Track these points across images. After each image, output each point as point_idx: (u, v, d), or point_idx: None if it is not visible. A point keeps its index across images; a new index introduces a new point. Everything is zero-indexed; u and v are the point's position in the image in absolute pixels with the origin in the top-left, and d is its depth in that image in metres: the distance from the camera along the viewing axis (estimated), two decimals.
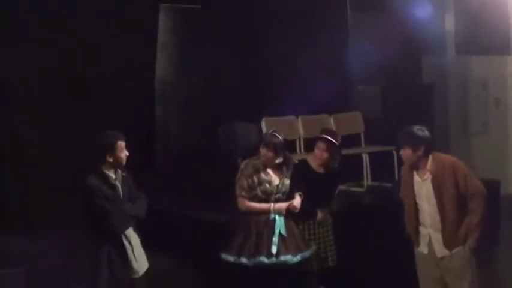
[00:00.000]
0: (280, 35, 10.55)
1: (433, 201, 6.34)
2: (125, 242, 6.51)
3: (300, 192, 7.06)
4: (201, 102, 10.44)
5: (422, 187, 6.41)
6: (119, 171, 6.60)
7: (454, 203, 6.29)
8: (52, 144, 8.93)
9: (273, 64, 10.39)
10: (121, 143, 6.52)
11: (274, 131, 7.23)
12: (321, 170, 7.39)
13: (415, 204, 6.46)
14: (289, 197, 7.01)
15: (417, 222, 6.48)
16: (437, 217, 6.34)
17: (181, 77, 10.60)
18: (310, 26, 10.50)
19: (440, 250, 6.37)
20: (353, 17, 10.91)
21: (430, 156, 6.37)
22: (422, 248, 6.50)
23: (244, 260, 6.79)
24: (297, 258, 6.86)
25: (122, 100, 9.44)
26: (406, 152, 6.36)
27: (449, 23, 10.46)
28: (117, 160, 6.52)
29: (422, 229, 6.48)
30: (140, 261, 6.59)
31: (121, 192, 6.55)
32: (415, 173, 6.45)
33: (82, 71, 9.15)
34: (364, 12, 10.71)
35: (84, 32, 9.09)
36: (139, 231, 6.72)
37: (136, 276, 6.55)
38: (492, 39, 10.94)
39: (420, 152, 6.31)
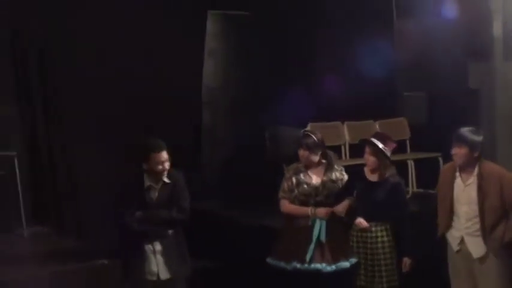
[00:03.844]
0: (327, 41, 10.40)
1: (474, 206, 6.14)
2: (147, 246, 6.39)
3: (351, 197, 6.65)
4: (247, 106, 10.39)
5: (464, 191, 6.22)
6: (162, 178, 6.38)
7: (495, 210, 6.08)
8: (101, 149, 8.86)
9: (320, 70, 10.26)
10: (157, 155, 6.29)
11: (307, 130, 7.15)
12: (373, 178, 6.77)
13: (452, 206, 6.26)
14: (338, 201, 6.61)
15: (450, 224, 6.31)
16: (475, 222, 6.15)
17: (227, 82, 10.56)
18: (357, 32, 10.29)
19: (476, 252, 6.19)
20: (399, 23, 10.68)
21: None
22: (456, 247, 6.31)
23: (282, 264, 6.51)
24: (331, 268, 6.41)
25: (170, 105, 9.39)
26: (462, 151, 6.12)
27: (497, 29, 10.13)
28: (152, 170, 6.33)
29: (454, 231, 6.32)
30: (161, 267, 6.40)
31: (155, 199, 6.39)
32: (457, 175, 6.26)
33: (132, 78, 9.14)
34: (409, 18, 10.45)
35: (132, 41, 9.10)
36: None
37: (154, 279, 6.41)
38: None
39: (476, 153, 6.12)
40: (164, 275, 6.41)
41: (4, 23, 8.75)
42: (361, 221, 6.63)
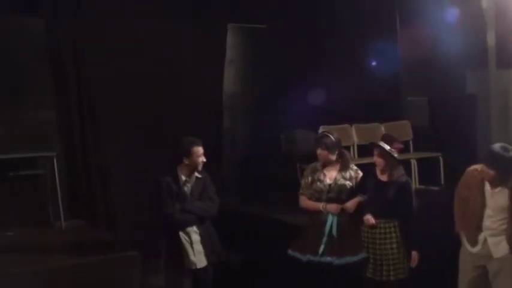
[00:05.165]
0: (336, 50, 10.55)
1: (499, 210, 6.13)
2: (184, 236, 6.69)
3: (361, 195, 6.77)
4: (263, 110, 10.54)
5: (492, 197, 6.18)
6: (195, 173, 6.74)
7: None
8: (132, 150, 9.06)
9: (330, 77, 10.32)
10: (197, 149, 6.71)
11: (325, 131, 7.18)
12: (383, 178, 6.81)
13: (482, 211, 6.21)
14: (350, 198, 6.75)
15: (478, 226, 6.25)
16: (499, 224, 6.15)
17: (246, 88, 10.73)
18: (365, 41, 10.49)
19: (497, 251, 6.21)
20: (402, 33, 10.87)
21: None
22: (476, 248, 6.31)
23: (298, 255, 6.70)
24: (340, 261, 6.53)
25: (194, 110, 9.51)
26: (490, 173, 6.06)
27: (491, 39, 10.29)
28: (193, 163, 6.70)
29: (480, 233, 6.27)
30: (198, 256, 6.73)
31: (189, 192, 6.72)
32: (486, 182, 6.19)
33: (159, 84, 9.31)
34: (412, 28, 10.61)
35: (160, 50, 9.22)
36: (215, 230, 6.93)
37: (194, 268, 6.72)
38: None
39: (504, 172, 6.02)
40: (201, 264, 6.74)
41: (40, 30, 8.69)
42: (369, 218, 6.71)
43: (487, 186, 6.20)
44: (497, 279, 6.26)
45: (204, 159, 6.74)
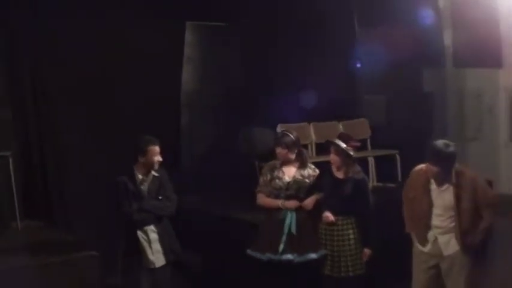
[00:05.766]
0: (294, 49, 10.55)
1: (448, 208, 6.16)
2: (142, 235, 6.64)
3: (318, 193, 6.81)
4: (221, 108, 10.58)
5: (438, 195, 6.21)
6: (152, 172, 6.68)
7: (470, 211, 6.12)
8: (89, 148, 9.00)
9: (287, 74, 10.41)
10: (153, 148, 6.65)
11: (285, 130, 7.18)
12: (340, 175, 6.86)
13: (430, 210, 6.24)
14: (307, 195, 6.80)
15: (427, 225, 6.28)
16: (448, 222, 6.19)
17: (203, 86, 10.72)
18: (322, 42, 10.50)
19: (448, 249, 6.25)
20: (360, 32, 10.91)
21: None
22: (427, 247, 6.35)
23: (258, 254, 6.72)
24: (300, 259, 6.61)
25: (152, 108, 9.47)
26: (434, 169, 6.08)
27: (448, 38, 10.42)
28: (148, 163, 6.65)
29: (429, 231, 6.30)
30: (156, 255, 6.69)
31: (146, 191, 6.67)
32: (432, 181, 6.23)
33: (117, 82, 9.27)
34: (370, 28, 10.68)
35: (118, 48, 9.16)
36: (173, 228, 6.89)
37: (152, 267, 6.67)
38: (485, 53, 10.88)
39: (447, 168, 6.07)
40: (159, 263, 6.70)
41: None
42: (328, 215, 6.74)
43: (433, 185, 6.24)
44: (449, 277, 6.32)
45: (160, 159, 6.69)
